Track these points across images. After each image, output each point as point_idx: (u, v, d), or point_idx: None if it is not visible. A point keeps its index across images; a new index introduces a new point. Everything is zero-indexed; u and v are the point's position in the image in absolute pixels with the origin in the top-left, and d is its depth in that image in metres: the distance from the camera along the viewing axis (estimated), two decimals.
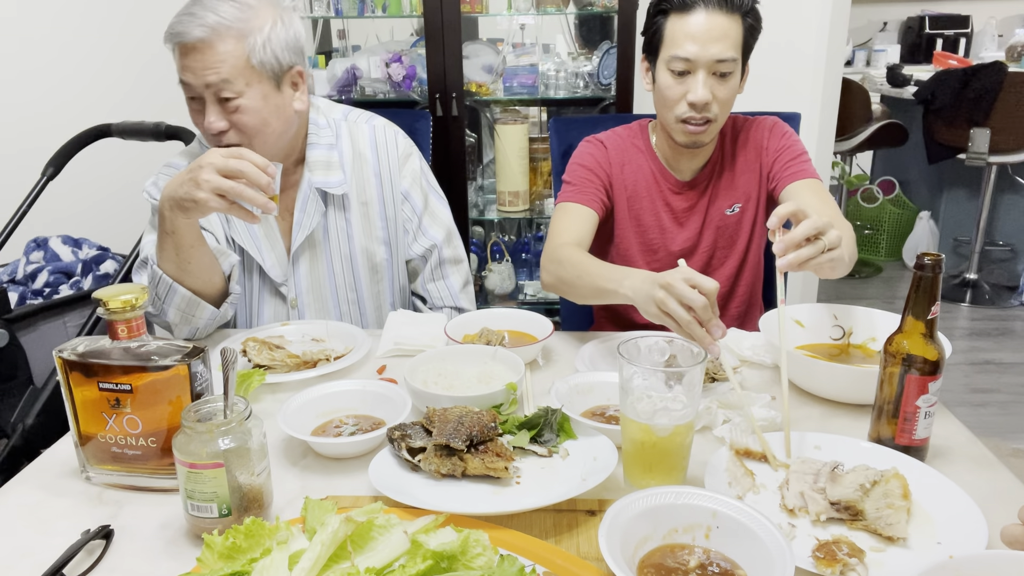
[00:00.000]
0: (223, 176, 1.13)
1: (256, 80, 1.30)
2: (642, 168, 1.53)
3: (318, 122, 1.46)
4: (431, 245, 1.55)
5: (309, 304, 1.51)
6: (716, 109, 1.37)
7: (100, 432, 0.90)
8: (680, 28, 1.34)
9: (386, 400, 1.05)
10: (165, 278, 1.27)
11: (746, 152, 1.52)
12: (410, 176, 1.53)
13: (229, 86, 1.28)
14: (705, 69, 1.34)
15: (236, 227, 1.45)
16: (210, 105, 1.29)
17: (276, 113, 1.34)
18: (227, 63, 1.27)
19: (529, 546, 0.77)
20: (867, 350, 1.20)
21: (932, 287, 0.88)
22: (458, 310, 1.59)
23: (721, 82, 1.36)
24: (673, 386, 0.84)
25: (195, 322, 1.33)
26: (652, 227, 1.53)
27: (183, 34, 1.27)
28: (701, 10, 1.33)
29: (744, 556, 0.73)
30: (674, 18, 1.35)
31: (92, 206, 2.34)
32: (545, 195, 2.81)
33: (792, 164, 1.46)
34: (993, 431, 2.72)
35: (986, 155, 3.59)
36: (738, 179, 1.52)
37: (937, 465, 0.92)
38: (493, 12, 2.64)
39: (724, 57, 1.33)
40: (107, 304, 0.87)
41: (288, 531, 0.73)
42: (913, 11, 5.21)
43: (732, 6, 1.34)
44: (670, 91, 1.38)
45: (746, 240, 1.53)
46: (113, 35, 2.47)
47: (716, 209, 1.52)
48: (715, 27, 1.33)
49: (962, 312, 3.79)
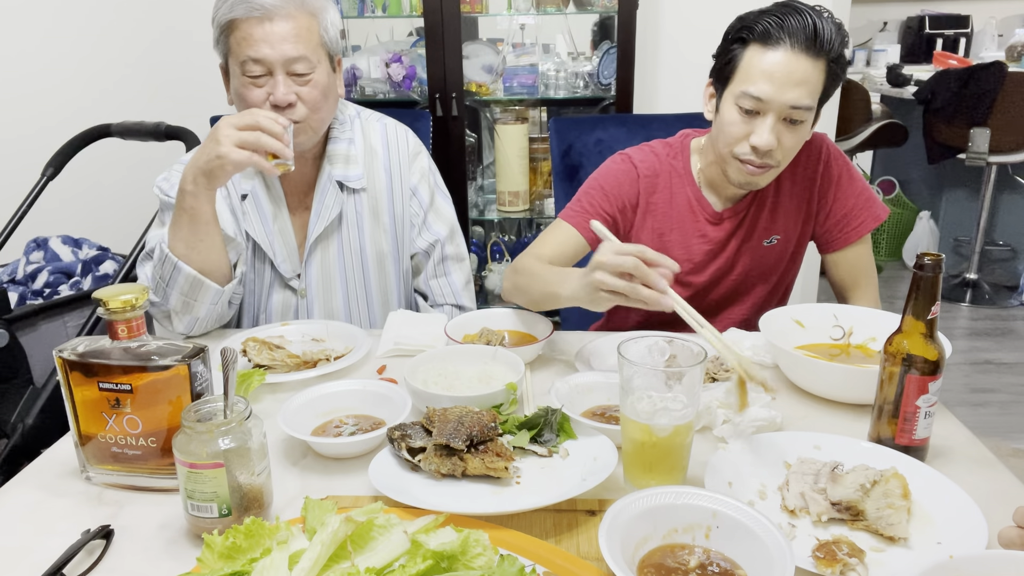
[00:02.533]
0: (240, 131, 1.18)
1: (323, 57, 1.36)
2: (677, 196, 1.43)
3: (339, 117, 1.49)
4: (434, 240, 1.56)
5: (317, 295, 1.52)
6: (779, 156, 1.27)
7: (100, 432, 0.90)
8: (758, 63, 1.23)
9: (386, 400, 1.05)
10: (171, 257, 1.27)
11: (794, 181, 1.41)
12: (419, 173, 1.55)
13: (306, 60, 1.31)
14: (776, 113, 1.23)
15: (250, 220, 1.46)
16: (282, 78, 1.31)
17: (332, 93, 1.40)
18: (304, 38, 1.30)
19: (529, 546, 0.77)
20: (867, 350, 1.20)
21: (932, 287, 0.88)
22: (459, 308, 1.59)
23: (790, 129, 1.25)
24: (673, 386, 0.84)
25: (196, 309, 1.33)
26: (681, 260, 1.41)
27: (261, 6, 1.27)
28: (785, 47, 1.21)
29: (744, 556, 0.73)
30: (753, 50, 1.24)
31: (92, 206, 2.34)
32: (545, 195, 2.81)
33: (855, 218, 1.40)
34: (993, 431, 2.72)
35: (986, 155, 3.59)
36: (780, 210, 1.42)
37: (937, 465, 0.92)
38: (493, 12, 2.64)
39: (800, 104, 1.22)
40: (107, 304, 0.87)
41: (288, 531, 0.73)
42: (913, 11, 5.21)
43: (820, 49, 1.21)
44: (734, 127, 1.28)
45: (780, 271, 1.46)
46: (113, 35, 2.47)
47: (754, 240, 1.43)
48: (797, 69, 1.21)
49: (962, 312, 3.79)
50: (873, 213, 1.41)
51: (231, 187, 1.45)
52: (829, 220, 1.43)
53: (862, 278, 1.43)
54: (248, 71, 1.31)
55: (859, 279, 1.42)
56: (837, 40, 1.23)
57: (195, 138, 1.77)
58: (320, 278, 1.51)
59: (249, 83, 1.32)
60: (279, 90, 1.30)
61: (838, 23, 1.24)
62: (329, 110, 1.40)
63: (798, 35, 1.21)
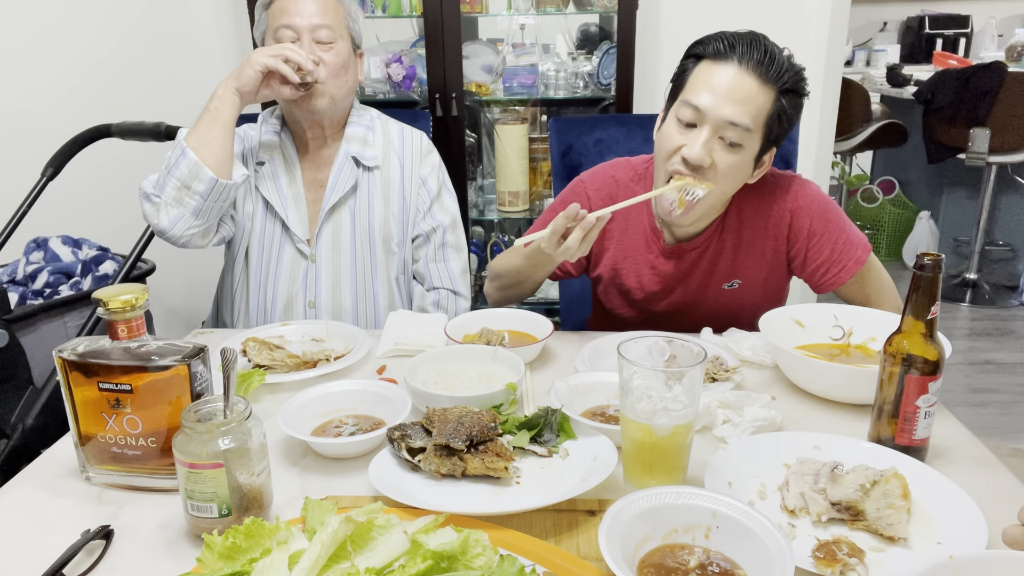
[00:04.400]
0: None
1: (346, 37, 1.54)
2: (632, 225, 1.41)
3: (358, 109, 1.65)
4: (437, 225, 1.65)
5: (327, 262, 1.59)
6: (710, 176, 1.22)
7: (100, 432, 0.90)
8: (705, 77, 1.21)
9: (386, 400, 1.05)
10: (182, 143, 1.39)
11: (756, 227, 1.35)
12: (430, 167, 1.66)
13: (330, 31, 1.49)
14: (712, 126, 1.20)
15: (265, 183, 1.57)
16: (308, 41, 1.48)
17: (351, 69, 1.56)
18: (329, 13, 1.51)
19: (529, 546, 0.77)
20: (867, 350, 1.20)
21: (932, 287, 0.88)
22: (454, 293, 1.67)
23: (726, 150, 1.21)
24: (673, 386, 0.84)
25: (187, 203, 1.39)
26: (635, 290, 1.44)
27: None
28: (734, 64, 1.19)
29: (744, 556, 0.73)
30: (704, 64, 1.23)
31: (92, 206, 2.34)
32: (545, 195, 2.80)
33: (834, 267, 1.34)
34: (993, 431, 2.72)
35: (986, 155, 3.59)
36: (743, 255, 1.37)
37: (937, 465, 0.92)
38: (493, 12, 2.64)
39: (737, 121, 1.18)
40: (107, 304, 0.87)
41: (288, 531, 0.73)
42: (913, 11, 5.21)
43: (770, 75, 1.19)
44: (668, 139, 1.25)
45: (750, 311, 1.33)
46: (113, 35, 2.47)
47: (713, 282, 1.40)
48: (741, 86, 1.19)
49: (962, 312, 3.79)
50: (854, 256, 1.34)
51: (248, 153, 1.58)
52: (807, 270, 1.38)
53: (872, 297, 1.36)
54: (279, 38, 1.48)
55: (869, 299, 1.36)
56: (791, 74, 1.21)
57: None
58: (331, 246, 1.59)
59: None
60: (304, 49, 1.46)
61: (799, 67, 1.23)
62: (348, 84, 1.55)
63: (750, 55, 1.19)
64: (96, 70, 2.42)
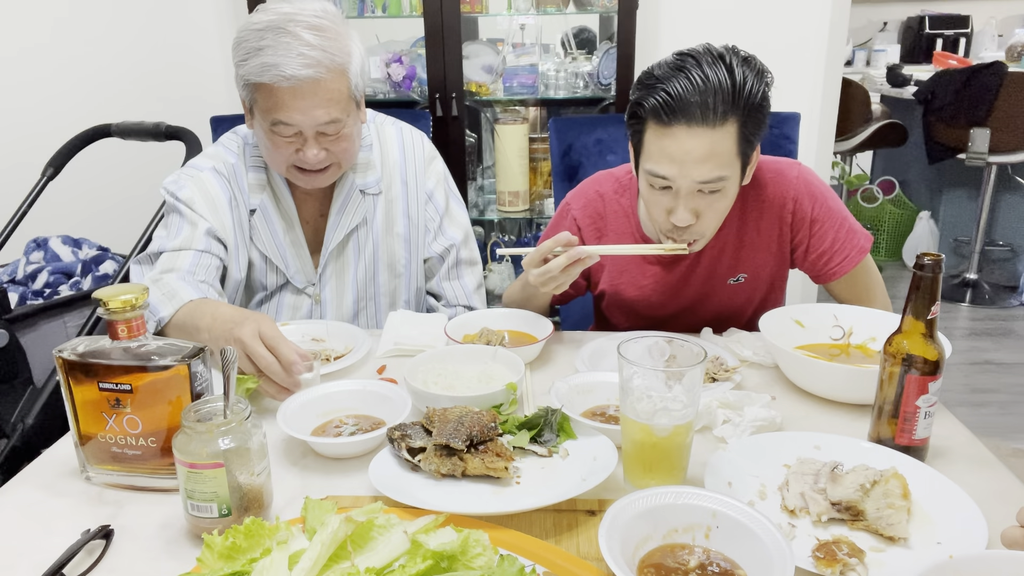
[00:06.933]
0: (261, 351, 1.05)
1: (353, 109, 1.32)
2: (623, 239, 1.38)
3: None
4: (450, 245, 1.56)
5: (331, 299, 1.51)
6: (702, 228, 1.22)
7: (100, 432, 0.90)
8: (657, 144, 1.15)
9: (386, 400, 1.05)
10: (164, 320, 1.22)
11: (760, 220, 1.34)
12: (435, 178, 1.55)
13: (337, 122, 1.27)
14: (687, 190, 1.17)
15: (260, 236, 1.45)
16: (312, 140, 1.28)
17: (359, 133, 1.38)
18: (335, 100, 1.25)
19: (529, 546, 0.77)
20: (867, 350, 1.20)
21: (932, 287, 0.88)
22: (469, 309, 1.60)
23: (710, 199, 1.18)
24: (673, 386, 0.84)
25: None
26: (638, 301, 1.42)
27: (293, 77, 1.21)
28: (681, 125, 1.11)
29: (744, 556, 0.73)
30: (651, 129, 1.16)
31: (92, 206, 2.34)
32: (545, 195, 2.81)
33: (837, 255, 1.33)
34: (993, 431, 2.72)
35: (986, 155, 3.59)
36: (747, 249, 1.36)
37: (937, 465, 0.92)
38: (493, 12, 2.64)
39: (708, 179, 1.14)
40: (107, 304, 0.87)
41: (288, 531, 0.73)
42: (913, 11, 5.21)
43: (719, 115, 1.10)
44: (653, 207, 1.23)
45: (755, 306, 1.39)
46: (114, 35, 2.47)
47: (717, 280, 1.38)
48: (697, 147, 1.12)
49: (962, 312, 3.79)
50: (857, 246, 1.34)
51: (240, 198, 1.43)
52: (808, 259, 1.37)
53: (864, 295, 1.38)
54: (278, 132, 1.28)
55: (861, 298, 1.37)
56: (743, 96, 1.12)
57: (195, 138, 1.77)
58: (335, 283, 1.51)
59: (278, 139, 1.30)
60: (309, 153, 1.29)
61: (748, 78, 1.12)
62: (356, 150, 1.39)
63: (691, 110, 1.11)
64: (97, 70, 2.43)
